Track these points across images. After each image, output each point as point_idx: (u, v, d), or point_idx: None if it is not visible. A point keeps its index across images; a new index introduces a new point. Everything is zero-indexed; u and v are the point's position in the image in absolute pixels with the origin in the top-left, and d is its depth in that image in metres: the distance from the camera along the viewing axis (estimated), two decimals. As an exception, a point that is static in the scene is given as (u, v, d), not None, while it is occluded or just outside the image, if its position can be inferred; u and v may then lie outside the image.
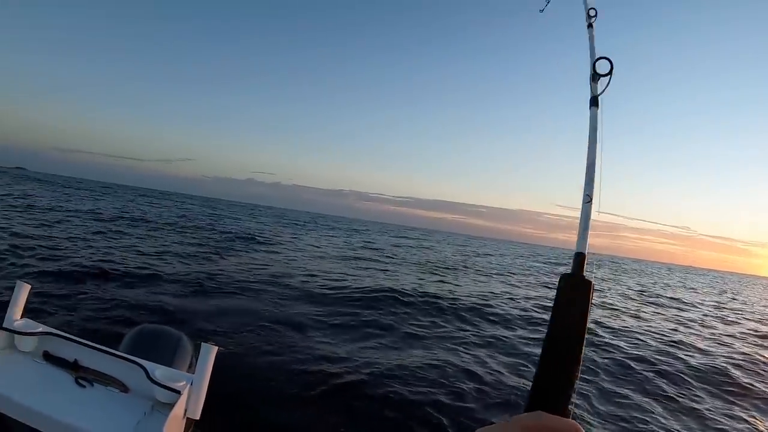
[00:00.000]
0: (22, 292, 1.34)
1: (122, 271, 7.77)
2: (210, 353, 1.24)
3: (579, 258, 0.56)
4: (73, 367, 1.26)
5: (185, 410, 1.21)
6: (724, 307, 17.10)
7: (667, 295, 18.16)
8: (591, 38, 1.21)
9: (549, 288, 14.69)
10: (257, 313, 6.41)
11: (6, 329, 1.26)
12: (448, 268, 16.41)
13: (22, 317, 1.33)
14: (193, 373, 1.25)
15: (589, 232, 0.69)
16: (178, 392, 1.18)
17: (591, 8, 1.32)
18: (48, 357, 1.28)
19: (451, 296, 9.63)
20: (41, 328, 1.31)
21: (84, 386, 1.21)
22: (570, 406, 0.38)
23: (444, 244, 42.24)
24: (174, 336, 1.78)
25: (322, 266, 12.25)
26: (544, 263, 30.26)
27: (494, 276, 16.41)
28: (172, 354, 1.63)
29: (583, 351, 0.41)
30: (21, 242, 8.99)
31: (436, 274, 14.08)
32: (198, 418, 1.24)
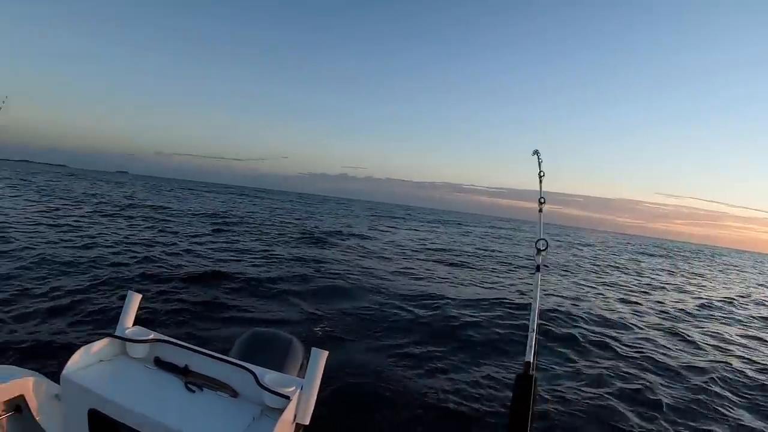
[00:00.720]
0: (133, 301, 1.39)
1: (231, 273, 8.18)
2: (320, 358, 1.21)
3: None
4: (183, 372, 1.28)
5: (295, 415, 1.18)
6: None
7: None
8: (540, 220, 1.51)
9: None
10: (373, 318, 6.37)
11: (118, 337, 1.30)
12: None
13: (133, 325, 1.37)
14: (303, 378, 1.22)
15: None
16: (288, 398, 1.16)
17: (541, 197, 1.63)
18: (159, 363, 1.31)
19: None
20: (152, 335, 1.35)
21: (194, 391, 1.22)
22: None
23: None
24: (285, 340, 1.78)
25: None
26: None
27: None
28: (282, 358, 1.63)
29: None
30: (138, 245, 9.81)
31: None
32: (307, 423, 1.21)
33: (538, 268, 1.24)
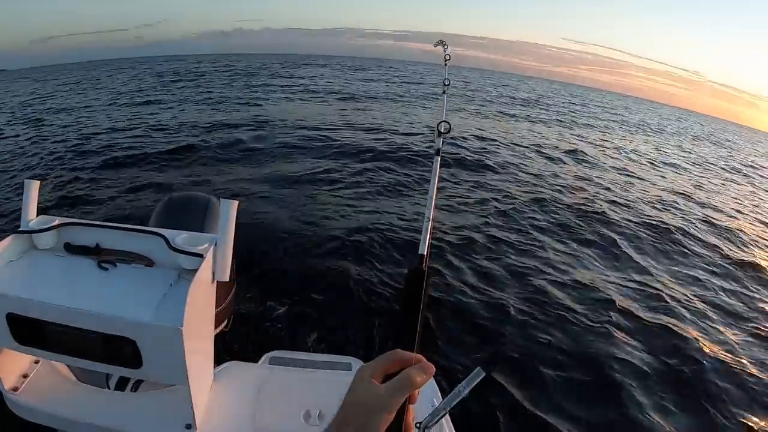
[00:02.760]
0: (32, 189, 1.26)
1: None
2: (230, 209, 1.16)
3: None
4: (95, 252, 1.23)
5: (213, 274, 1.18)
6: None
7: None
8: (444, 101, 1.51)
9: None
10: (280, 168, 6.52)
11: (22, 231, 1.21)
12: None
13: (37, 215, 1.27)
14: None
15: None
16: (201, 256, 1.14)
17: (446, 79, 1.70)
18: (69, 248, 1.24)
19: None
20: (57, 220, 1.26)
21: (107, 269, 1.19)
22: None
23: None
24: (203, 200, 1.71)
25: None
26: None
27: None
28: (200, 219, 1.57)
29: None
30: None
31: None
32: (227, 279, 1.20)
33: (438, 152, 1.13)
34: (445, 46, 2.36)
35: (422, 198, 5.70)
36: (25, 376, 1.24)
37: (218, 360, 1.32)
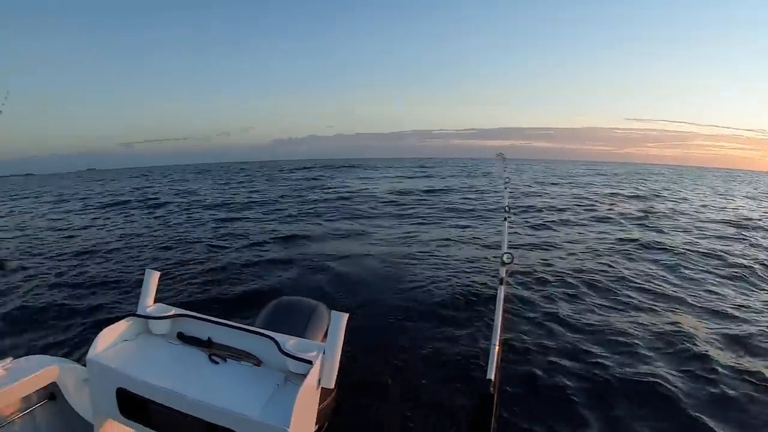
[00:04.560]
0: (152, 279, 1.40)
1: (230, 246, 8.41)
2: (341, 321, 1.20)
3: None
4: (206, 345, 1.30)
5: (318, 380, 1.19)
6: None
7: None
8: (505, 230, 1.62)
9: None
10: (394, 278, 6.64)
11: (140, 315, 1.31)
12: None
13: (154, 303, 1.38)
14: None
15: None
16: (310, 362, 1.17)
17: (506, 206, 1.76)
18: (182, 337, 1.33)
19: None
20: (173, 311, 1.36)
21: (218, 362, 1.24)
22: None
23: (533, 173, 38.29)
24: (309, 306, 1.79)
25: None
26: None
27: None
28: (306, 324, 1.64)
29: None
30: (137, 235, 9.95)
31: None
32: (332, 386, 1.22)
33: (501, 281, 1.20)
34: (505, 164, 2.39)
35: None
36: None
37: None
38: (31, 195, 26.05)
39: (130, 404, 1.15)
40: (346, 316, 1.21)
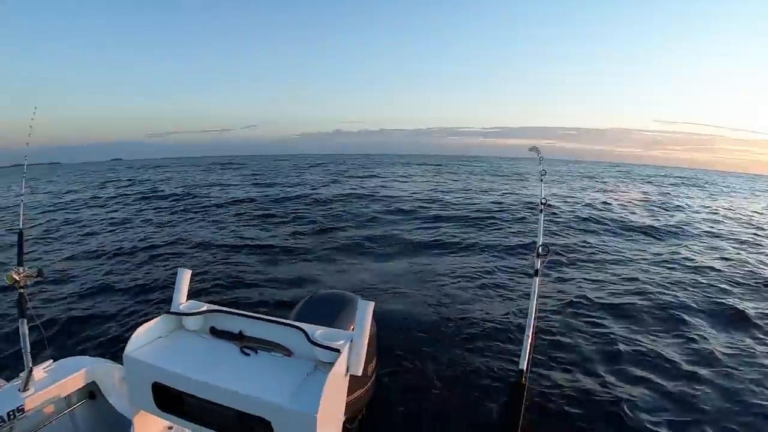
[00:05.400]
0: (184, 277, 1.45)
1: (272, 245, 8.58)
2: (367, 309, 1.23)
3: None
4: (238, 338, 1.34)
5: (347, 368, 1.22)
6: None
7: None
8: (540, 222, 1.58)
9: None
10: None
11: (173, 312, 1.37)
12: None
13: (186, 300, 1.43)
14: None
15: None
16: (338, 351, 1.19)
17: (544, 198, 1.76)
18: (214, 332, 1.38)
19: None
20: (205, 306, 1.41)
21: (249, 354, 1.28)
22: None
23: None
24: (342, 298, 1.84)
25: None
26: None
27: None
28: (335, 316, 1.69)
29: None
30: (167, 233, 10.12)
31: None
32: (360, 373, 1.24)
33: (536, 273, 1.22)
34: (540, 157, 2.33)
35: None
36: None
37: None
38: (62, 184, 26.47)
39: (165, 397, 1.19)
40: (372, 304, 1.23)
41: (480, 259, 7.86)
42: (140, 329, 1.28)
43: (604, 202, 15.41)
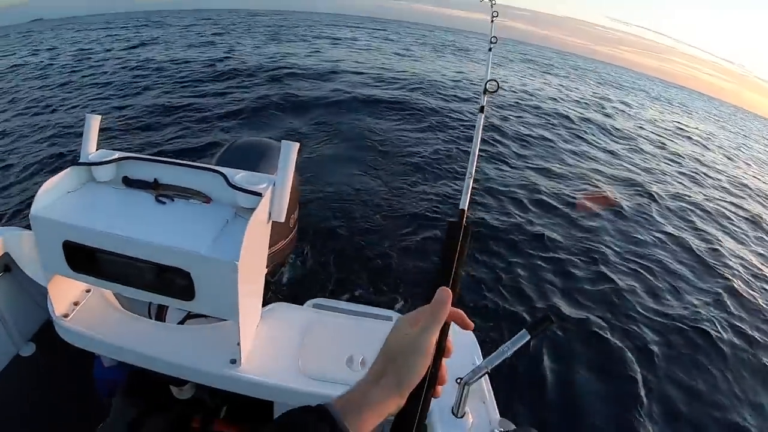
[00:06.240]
0: (93, 123, 1.27)
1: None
2: (290, 151, 1.14)
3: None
4: (153, 186, 1.25)
5: (269, 213, 1.17)
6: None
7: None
8: (489, 59, 1.70)
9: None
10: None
11: (82, 163, 1.23)
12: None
13: (97, 149, 1.30)
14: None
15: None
16: (260, 194, 1.14)
17: (493, 37, 1.84)
18: (127, 182, 1.26)
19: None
20: (117, 154, 1.27)
21: (165, 203, 1.21)
22: None
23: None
24: (267, 144, 1.69)
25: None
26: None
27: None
28: (258, 160, 1.56)
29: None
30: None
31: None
32: (282, 220, 1.20)
33: (482, 109, 1.13)
34: (493, 1, 2.18)
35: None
36: (76, 304, 1.30)
37: (264, 301, 1.35)
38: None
39: (78, 257, 1.11)
40: (296, 145, 1.15)
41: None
42: (46, 185, 1.13)
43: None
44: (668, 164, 8.88)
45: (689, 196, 6.72)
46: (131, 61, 12.17)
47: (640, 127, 12.55)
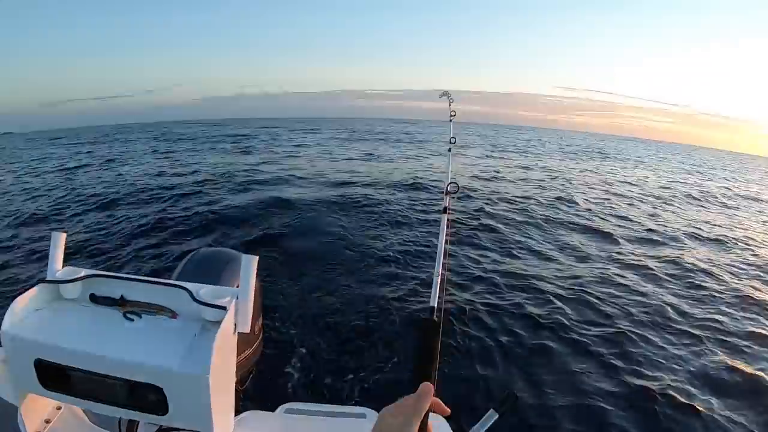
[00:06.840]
0: (59, 241, 1.28)
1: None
2: (251, 264, 1.20)
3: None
4: (119, 303, 1.25)
5: (234, 325, 1.20)
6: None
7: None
8: (449, 160, 1.65)
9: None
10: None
11: (49, 281, 1.24)
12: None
13: (64, 266, 1.31)
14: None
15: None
16: (224, 308, 1.16)
17: (452, 137, 1.77)
18: (94, 299, 1.26)
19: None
20: (83, 272, 1.28)
21: (132, 319, 1.22)
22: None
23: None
24: (226, 255, 1.73)
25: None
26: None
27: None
28: (220, 273, 1.60)
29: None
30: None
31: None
32: (247, 331, 1.23)
33: (445, 210, 1.17)
34: (451, 99, 2.38)
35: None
36: (47, 422, 1.27)
37: (236, 411, 1.33)
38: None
39: (49, 375, 1.10)
40: (256, 258, 1.20)
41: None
42: (15, 303, 1.14)
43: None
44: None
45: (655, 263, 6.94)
46: (101, 177, 12.51)
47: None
